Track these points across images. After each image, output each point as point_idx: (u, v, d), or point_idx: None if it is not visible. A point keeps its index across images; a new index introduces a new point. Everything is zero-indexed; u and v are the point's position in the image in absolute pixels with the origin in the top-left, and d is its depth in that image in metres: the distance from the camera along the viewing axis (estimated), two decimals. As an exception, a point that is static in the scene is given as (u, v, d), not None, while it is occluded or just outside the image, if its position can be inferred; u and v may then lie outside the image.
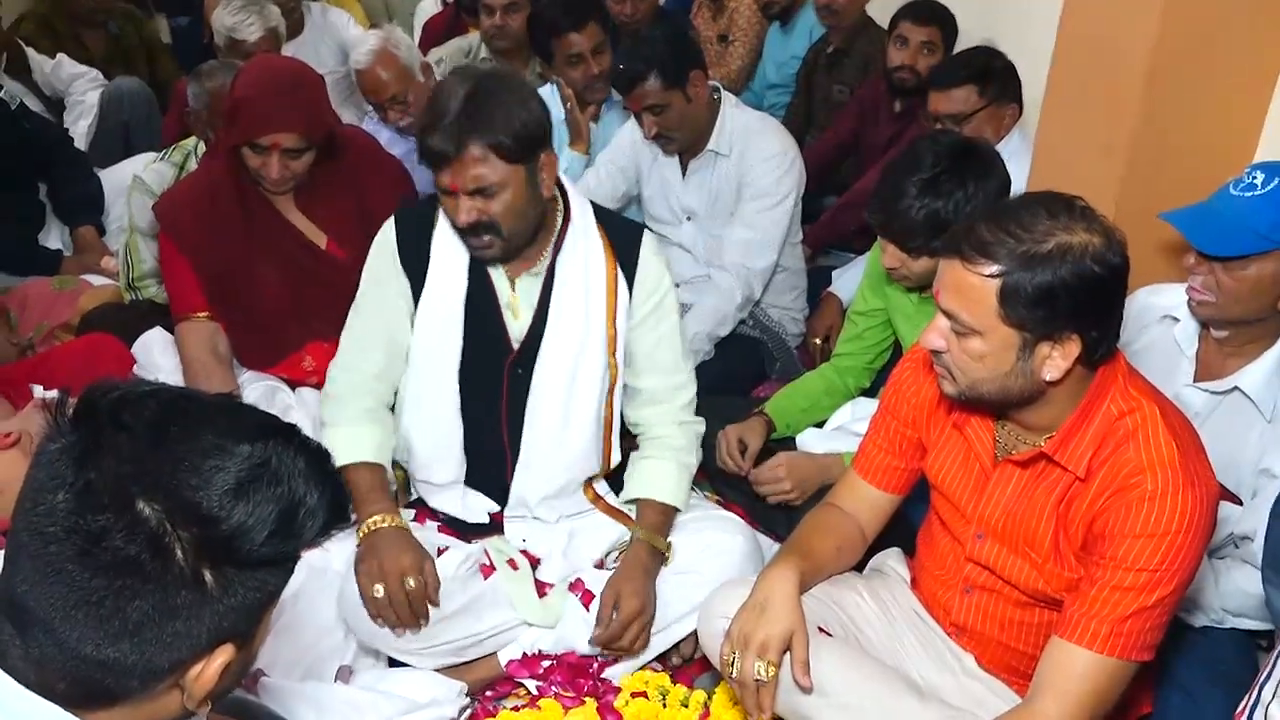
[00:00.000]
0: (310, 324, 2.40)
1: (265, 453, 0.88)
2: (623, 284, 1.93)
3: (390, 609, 1.78)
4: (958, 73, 2.68)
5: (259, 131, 2.20)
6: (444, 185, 1.76)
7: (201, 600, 0.85)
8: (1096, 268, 1.31)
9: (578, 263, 1.90)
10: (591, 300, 1.91)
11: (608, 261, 1.92)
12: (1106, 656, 1.37)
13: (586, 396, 1.93)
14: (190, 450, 0.85)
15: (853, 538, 1.72)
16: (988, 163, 1.94)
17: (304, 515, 0.89)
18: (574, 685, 1.89)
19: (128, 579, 0.82)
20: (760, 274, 2.75)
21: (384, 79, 3.10)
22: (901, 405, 1.68)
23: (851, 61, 3.76)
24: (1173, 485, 1.34)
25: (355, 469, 1.90)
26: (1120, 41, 2.04)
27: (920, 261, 1.96)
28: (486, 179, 1.73)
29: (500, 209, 1.76)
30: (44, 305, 2.97)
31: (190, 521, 0.83)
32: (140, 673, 0.86)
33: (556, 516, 2.00)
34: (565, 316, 1.90)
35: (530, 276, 1.90)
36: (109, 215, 3.48)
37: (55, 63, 4.08)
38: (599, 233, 1.93)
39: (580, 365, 1.91)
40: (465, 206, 1.75)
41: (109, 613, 0.83)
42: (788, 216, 2.76)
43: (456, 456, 1.97)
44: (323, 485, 0.91)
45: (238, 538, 0.85)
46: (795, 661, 1.50)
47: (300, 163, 2.27)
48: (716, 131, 2.74)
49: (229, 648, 0.90)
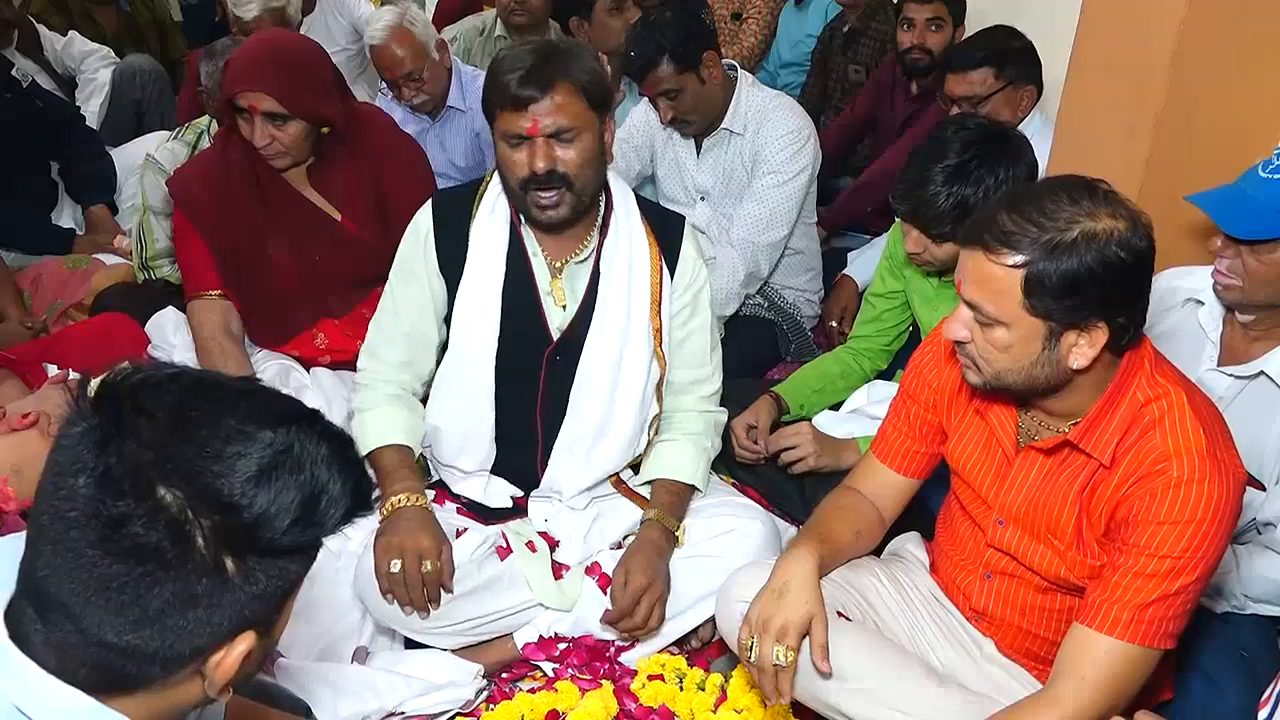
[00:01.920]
0: (323, 301, 2.40)
1: (288, 439, 0.86)
2: (666, 274, 1.92)
3: (403, 587, 1.79)
4: (974, 54, 2.65)
5: (231, 88, 2.19)
6: (520, 130, 1.73)
7: (222, 588, 0.85)
8: (1122, 254, 1.29)
9: (622, 251, 1.89)
10: (636, 290, 1.90)
11: (652, 248, 1.91)
12: (1128, 643, 1.36)
13: (632, 388, 1.92)
14: (212, 436, 0.84)
15: (871, 522, 1.71)
16: (1017, 148, 1.92)
17: (326, 503, 0.88)
18: (590, 668, 1.89)
19: (148, 566, 0.82)
20: (767, 249, 2.73)
21: (399, 55, 3.08)
22: (922, 390, 1.66)
23: (867, 41, 3.73)
24: (1199, 472, 1.33)
25: (382, 450, 1.91)
26: (1145, 20, 2.00)
27: (944, 247, 1.95)
28: (569, 121, 1.73)
29: (576, 157, 1.75)
30: (57, 285, 2.97)
31: (212, 509, 0.82)
32: (161, 660, 0.86)
33: (586, 503, 1.99)
34: (611, 306, 1.89)
35: (575, 264, 1.89)
36: (121, 194, 3.48)
37: (67, 40, 4.07)
38: (642, 220, 1.91)
39: (625, 356, 1.90)
40: (543, 151, 1.73)
41: (129, 599, 0.82)
42: (800, 194, 2.73)
43: (486, 445, 1.96)
44: (346, 472, 0.90)
45: (259, 525, 0.84)
46: (814, 646, 1.49)
47: (288, 134, 2.21)
48: (732, 110, 2.72)
49: (250, 635, 0.89)
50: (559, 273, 1.90)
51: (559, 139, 1.74)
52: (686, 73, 2.62)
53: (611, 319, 1.89)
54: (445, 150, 3.36)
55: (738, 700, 1.79)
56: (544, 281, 1.90)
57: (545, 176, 1.75)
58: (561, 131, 1.73)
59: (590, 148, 1.77)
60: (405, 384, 1.99)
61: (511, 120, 1.73)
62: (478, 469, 1.98)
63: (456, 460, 1.97)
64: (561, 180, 1.76)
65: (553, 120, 1.72)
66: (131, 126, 3.91)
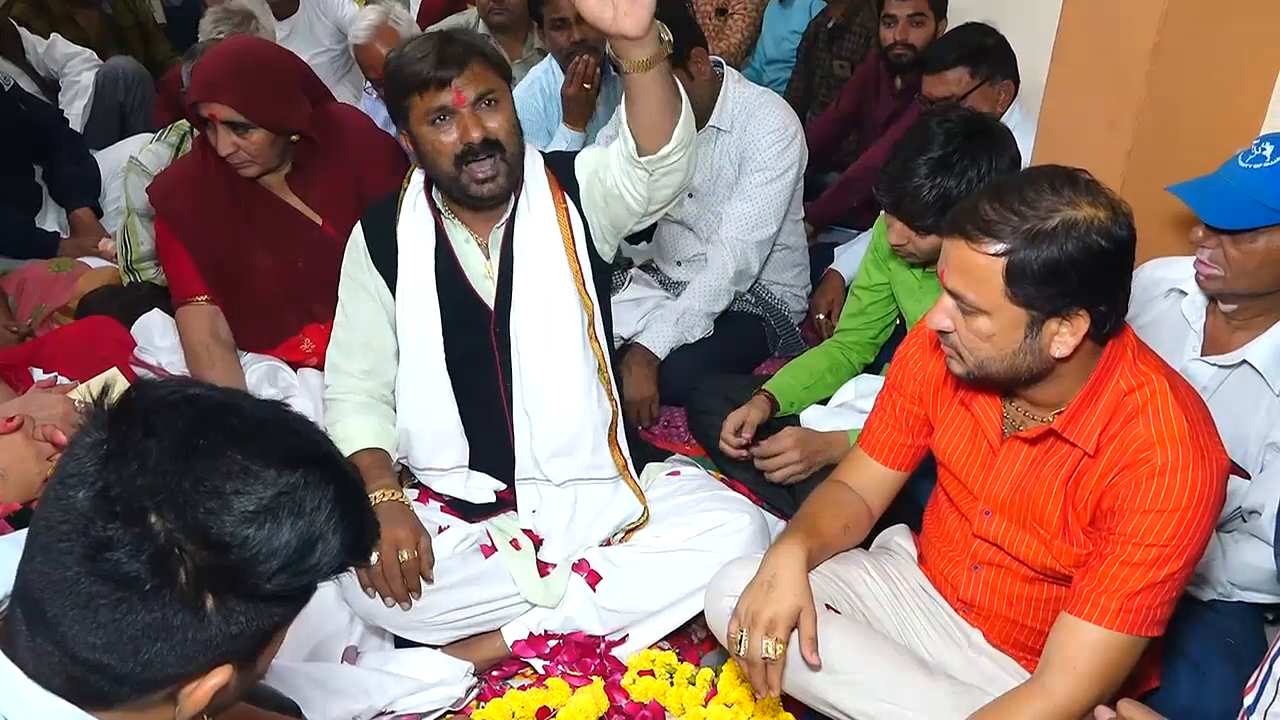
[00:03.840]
0: (307, 306, 2.40)
1: (293, 482, 0.84)
2: (573, 209, 1.91)
3: (382, 579, 1.80)
4: (949, 54, 2.68)
5: (192, 96, 2.22)
6: (447, 103, 1.75)
7: (199, 625, 0.83)
8: (1103, 242, 1.30)
9: (532, 208, 1.89)
10: (548, 239, 1.89)
11: (554, 195, 1.90)
12: (1115, 632, 1.36)
13: (568, 337, 1.91)
14: (214, 470, 0.82)
15: (859, 515, 1.72)
16: (1000, 140, 1.93)
17: (321, 552, 0.85)
18: (581, 664, 1.89)
19: (126, 592, 0.80)
20: (757, 246, 2.73)
21: (383, 54, 3.07)
22: (908, 382, 1.67)
23: (852, 37, 3.74)
24: (1183, 460, 1.33)
25: (357, 454, 1.93)
26: (1126, 14, 2.01)
27: (928, 239, 1.95)
28: (490, 85, 1.77)
29: (504, 122, 1.78)
30: (42, 288, 2.95)
31: (199, 544, 0.81)
32: (131, 683, 0.84)
33: (564, 478, 1.95)
34: (529, 263, 1.89)
35: (496, 230, 1.90)
36: (105, 197, 3.46)
37: (49, 43, 4.05)
38: (545, 172, 1.91)
39: (554, 307, 1.90)
40: (472, 121, 1.75)
41: (104, 620, 0.81)
42: (788, 191, 2.74)
43: (457, 440, 1.97)
44: (347, 521, 0.87)
45: (246, 567, 0.82)
46: (803, 639, 1.50)
47: (252, 142, 2.21)
48: (718, 107, 2.71)
49: (226, 669, 0.87)
50: (489, 252, 1.91)
51: (485, 105, 1.77)
52: (674, 69, 2.61)
53: (531, 275, 1.89)
54: (430, 149, 3.36)
55: (728, 694, 1.79)
56: (479, 266, 1.92)
57: (480, 145, 1.76)
58: (485, 95, 1.76)
59: (512, 114, 1.81)
60: (372, 391, 2.01)
61: (433, 98, 1.75)
62: (455, 465, 1.98)
63: (433, 460, 1.98)
64: (495, 147, 1.78)
65: (474, 89, 1.75)
66: (115, 129, 3.89)
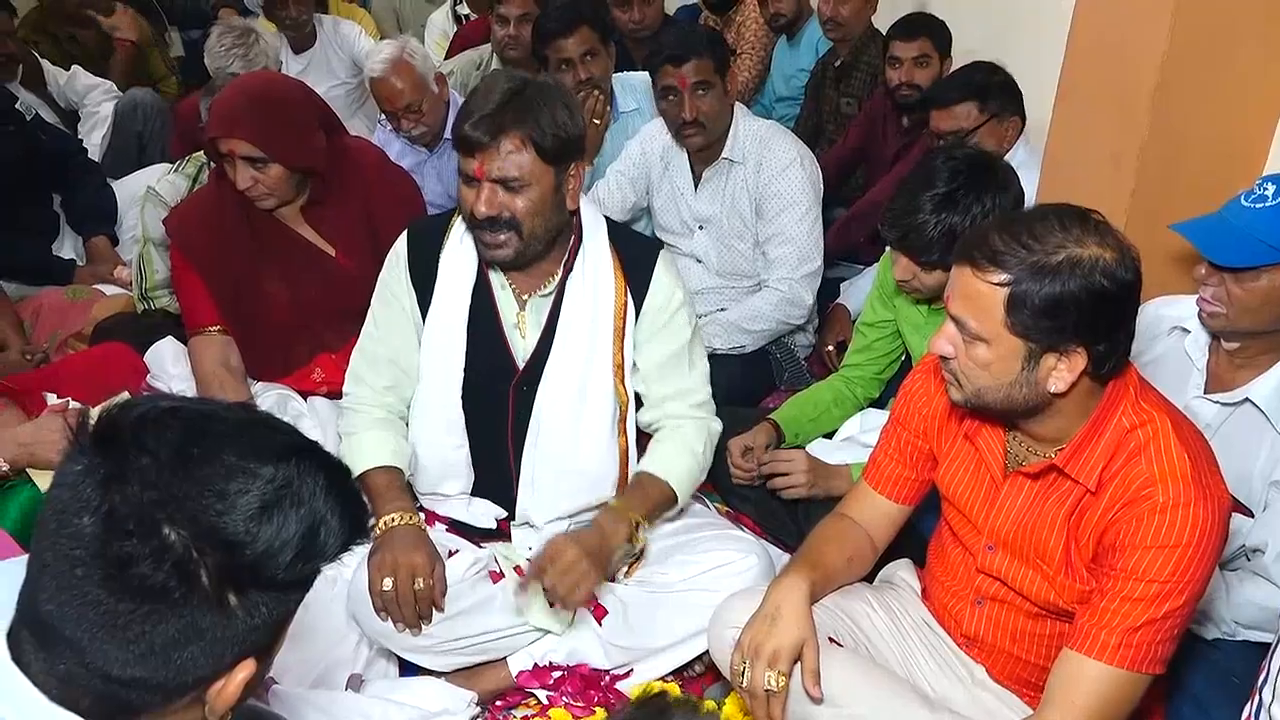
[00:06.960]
0: (319, 337, 2.42)
1: (288, 473, 0.87)
2: (632, 308, 1.91)
3: (396, 605, 1.79)
4: (957, 90, 2.71)
5: (210, 131, 2.25)
6: (469, 171, 1.74)
7: (226, 622, 0.86)
8: (1106, 282, 1.31)
9: (587, 284, 1.89)
10: (599, 322, 1.89)
11: (617, 282, 1.90)
12: (1116, 668, 1.36)
13: (597, 422, 1.92)
14: (213, 474, 0.84)
15: (863, 548, 1.72)
16: (1004, 177, 1.94)
17: (326, 534, 0.89)
18: (584, 696, 1.89)
19: (154, 604, 0.82)
20: (805, 280, 2.76)
21: (399, 88, 3.12)
22: (912, 416, 1.68)
23: (858, 74, 3.77)
24: (1185, 497, 1.34)
25: (372, 473, 1.92)
26: (1130, 52, 2.04)
27: (933, 274, 1.97)
28: (516, 172, 1.71)
29: (524, 206, 1.74)
30: (57, 315, 2.99)
31: (216, 547, 0.83)
32: (164, 690, 0.87)
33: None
34: (571, 338, 1.89)
35: (540, 297, 1.90)
36: (122, 225, 3.51)
37: (70, 75, 4.14)
38: (611, 252, 1.91)
39: (587, 388, 1.90)
40: (486, 197, 1.73)
41: (135, 635, 0.83)
42: (818, 218, 2.78)
43: (464, 471, 1.98)
44: (343, 502, 0.91)
45: (263, 561, 0.85)
46: (806, 672, 1.50)
47: (270, 176, 2.24)
48: (730, 139, 2.75)
49: (251, 663, 0.90)
50: (525, 305, 1.91)
51: (505, 186, 1.73)
52: (718, 74, 2.67)
53: (571, 351, 1.89)
54: (442, 181, 3.39)
55: (731, 727, 1.79)
56: (510, 314, 1.91)
57: (485, 222, 1.75)
58: (507, 181, 1.72)
59: (539, 198, 1.75)
60: (391, 407, 2.00)
61: (463, 160, 1.75)
62: (459, 493, 1.99)
63: (438, 486, 1.99)
64: (507, 225, 1.76)
65: (498, 169, 1.71)
66: (133, 159, 3.95)
